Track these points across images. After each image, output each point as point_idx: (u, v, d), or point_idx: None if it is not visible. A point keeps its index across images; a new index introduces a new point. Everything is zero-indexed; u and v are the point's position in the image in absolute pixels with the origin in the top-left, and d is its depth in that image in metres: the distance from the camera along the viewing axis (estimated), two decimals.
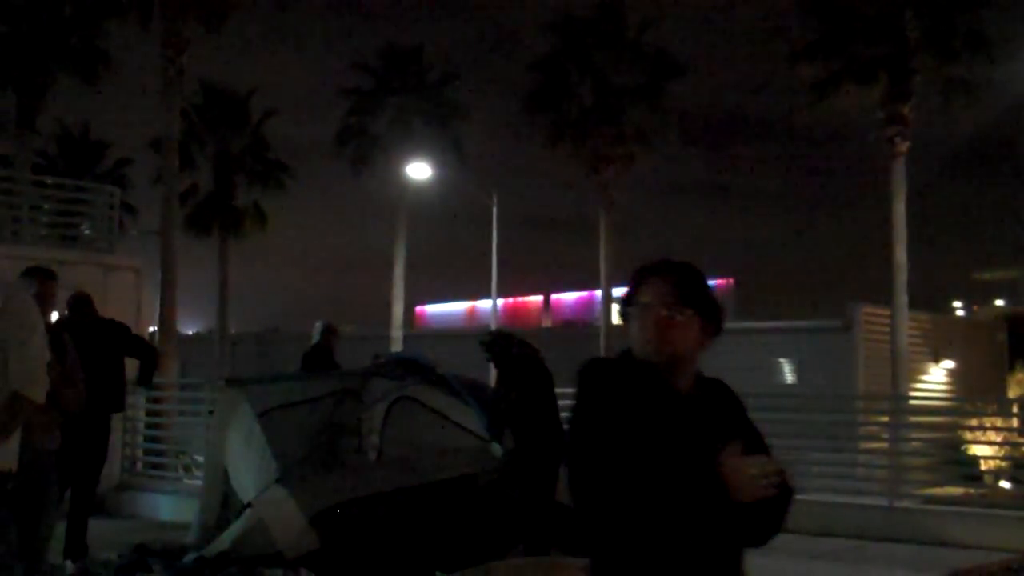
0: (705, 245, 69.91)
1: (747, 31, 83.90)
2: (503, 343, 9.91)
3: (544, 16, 32.90)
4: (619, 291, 35.41)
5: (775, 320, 29.26)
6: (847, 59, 25.34)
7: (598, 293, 31.48)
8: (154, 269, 19.92)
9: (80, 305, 10.24)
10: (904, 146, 25.08)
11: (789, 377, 27.79)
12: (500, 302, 30.93)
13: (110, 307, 14.58)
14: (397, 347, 31.41)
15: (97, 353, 9.77)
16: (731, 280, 42.73)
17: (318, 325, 11.40)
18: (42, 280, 6.84)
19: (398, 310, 32.67)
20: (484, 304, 53.68)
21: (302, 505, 8.10)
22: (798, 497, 3.03)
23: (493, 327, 25.65)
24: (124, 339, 10.37)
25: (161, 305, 20.62)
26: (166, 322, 20.94)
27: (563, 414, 10.89)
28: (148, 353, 10.85)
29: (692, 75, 33.55)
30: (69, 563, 9.18)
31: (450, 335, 36.73)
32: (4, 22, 25.60)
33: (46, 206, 16.72)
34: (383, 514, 8.60)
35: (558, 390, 8.78)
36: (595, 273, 30.87)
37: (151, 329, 18.81)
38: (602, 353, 28.54)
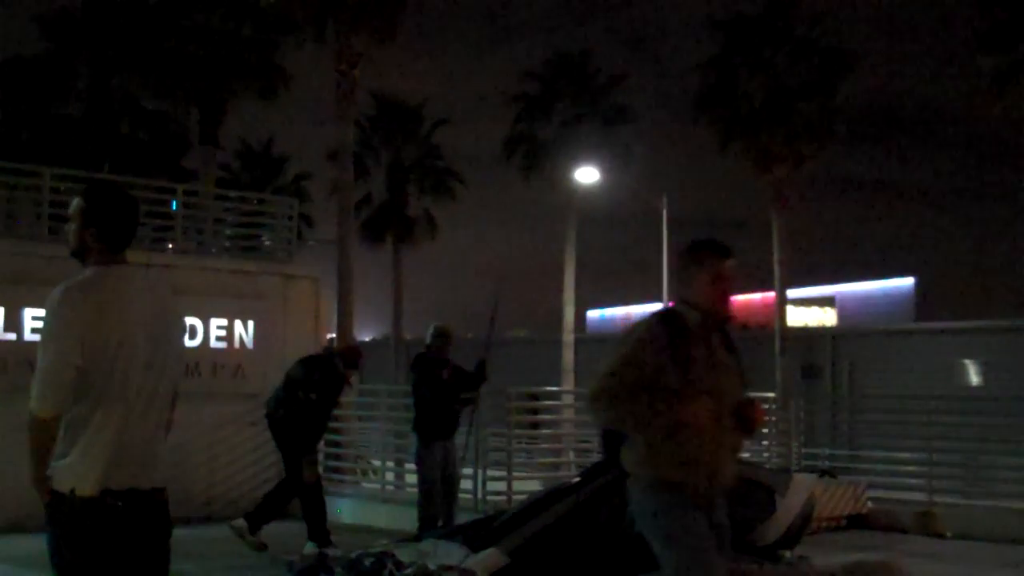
0: (883, 243, 67.92)
1: (922, 22, 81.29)
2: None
3: (711, 15, 32.49)
4: (794, 292, 34.69)
5: (959, 320, 28.26)
6: None
7: (772, 295, 30.90)
8: (331, 277, 20.45)
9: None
10: None
11: (974, 379, 26.79)
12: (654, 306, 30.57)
13: (290, 316, 15.08)
14: (569, 352, 31.48)
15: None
16: (911, 279, 41.48)
17: (431, 328, 11.55)
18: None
19: (569, 315, 32.73)
20: (639, 309, 53.35)
21: (503, 547, 8.71)
22: (988, 503, 2.83)
23: None
24: None
25: (339, 312, 21.16)
26: (343, 329, 21.47)
27: None
28: None
29: (865, 70, 32.73)
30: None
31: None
32: (187, 43, 26.66)
33: (229, 218, 17.27)
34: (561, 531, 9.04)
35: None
36: (769, 275, 30.35)
37: (330, 336, 19.30)
38: (776, 356, 27.97)
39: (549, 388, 22.10)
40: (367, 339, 44.24)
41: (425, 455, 11.01)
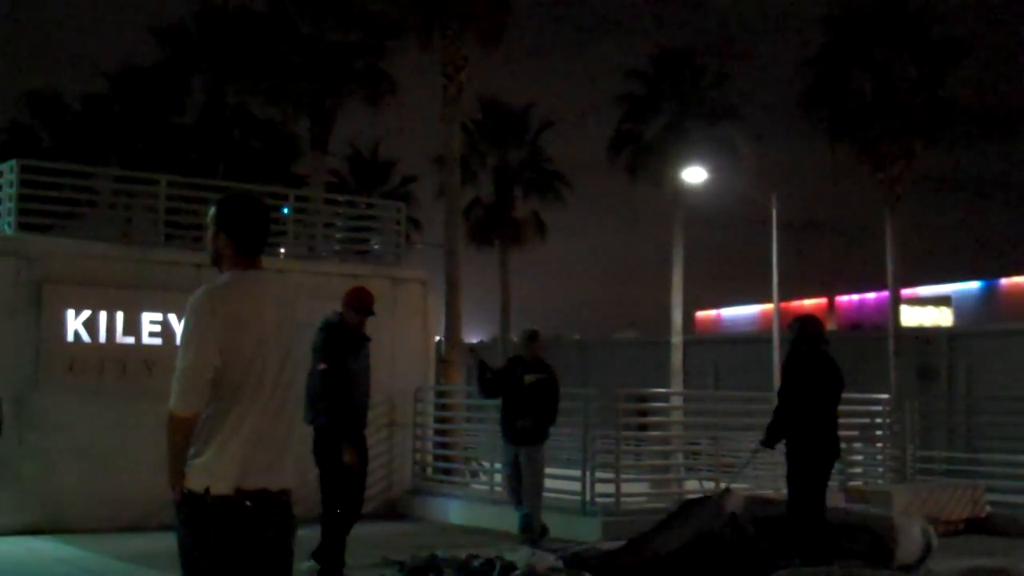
0: (1000, 241, 66.06)
1: None
2: (807, 332, 9.77)
3: (817, 10, 32.01)
4: (909, 292, 33.98)
5: None
6: None
7: (886, 294, 30.29)
8: (439, 280, 20.60)
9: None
10: None
11: None
12: (758, 306, 30.16)
13: (399, 318, 15.22)
14: (677, 353, 31.25)
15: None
16: None
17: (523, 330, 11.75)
18: None
19: (677, 316, 32.49)
20: (730, 312, 52.72)
21: None
22: None
23: (776, 332, 25.16)
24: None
25: (447, 315, 21.31)
26: (452, 331, 21.62)
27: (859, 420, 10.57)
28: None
29: (980, 65, 31.88)
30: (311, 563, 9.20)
31: (731, 340, 36.25)
32: (297, 52, 27.15)
33: (339, 223, 17.52)
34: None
35: (851, 395, 8.60)
36: (882, 274, 29.77)
37: (437, 339, 19.45)
38: (890, 357, 27.43)
39: (658, 390, 21.95)
40: (475, 341, 44.47)
41: (502, 453, 11.31)
